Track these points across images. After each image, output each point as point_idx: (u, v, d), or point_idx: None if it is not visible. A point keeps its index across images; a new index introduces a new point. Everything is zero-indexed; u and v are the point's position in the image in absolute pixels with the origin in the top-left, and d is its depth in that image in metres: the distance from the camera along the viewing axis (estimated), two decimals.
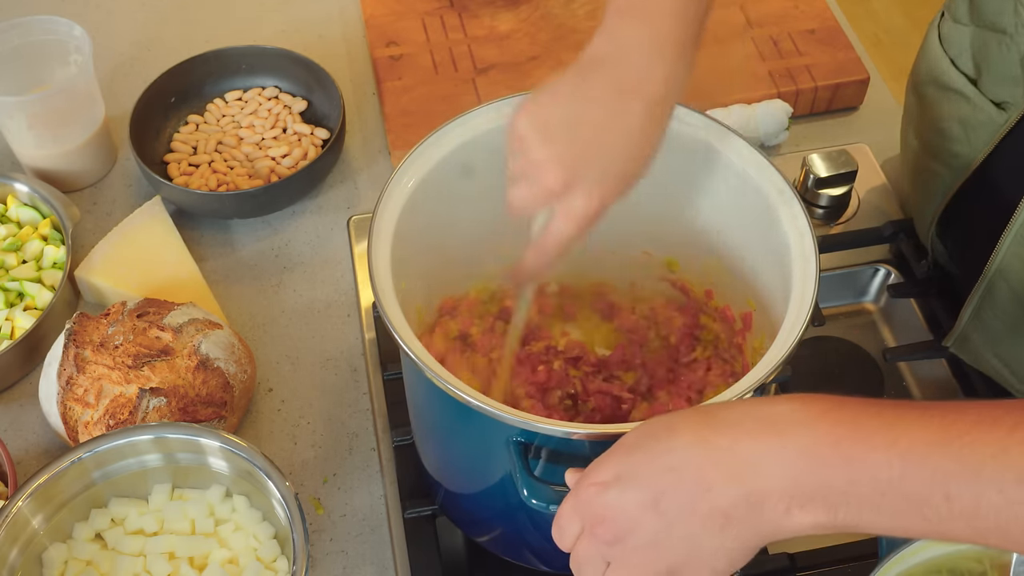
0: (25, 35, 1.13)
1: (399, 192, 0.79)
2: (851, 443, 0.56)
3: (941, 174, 0.93)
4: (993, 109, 0.85)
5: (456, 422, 0.77)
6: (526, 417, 0.68)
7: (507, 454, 0.71)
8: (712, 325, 0.90)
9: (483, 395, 0.69)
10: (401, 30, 1.27)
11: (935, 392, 1.02)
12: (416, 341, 0.72)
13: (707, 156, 0.82)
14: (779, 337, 0.71)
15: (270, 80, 1.22)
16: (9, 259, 1.06)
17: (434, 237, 0.83)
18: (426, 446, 0.87)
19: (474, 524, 0.89)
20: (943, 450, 0.54)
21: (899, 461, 0.55)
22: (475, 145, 0.82)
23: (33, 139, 1.12)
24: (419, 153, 0.81)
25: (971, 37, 0.87)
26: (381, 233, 0.76)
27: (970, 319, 0.91)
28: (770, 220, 0.77)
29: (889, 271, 1.08)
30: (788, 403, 0.59)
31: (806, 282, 0.72)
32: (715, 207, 0.84)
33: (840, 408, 0.57)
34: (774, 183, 0.78)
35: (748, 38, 1.24)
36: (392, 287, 0.74)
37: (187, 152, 1.17)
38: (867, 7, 2.71)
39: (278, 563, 0.85)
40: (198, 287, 1.07)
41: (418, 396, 0.82)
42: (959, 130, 0.89)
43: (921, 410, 0.57)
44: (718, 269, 0.87)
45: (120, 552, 0.86)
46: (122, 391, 0.91)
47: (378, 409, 0.99)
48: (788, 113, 1.16)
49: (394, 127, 1.18)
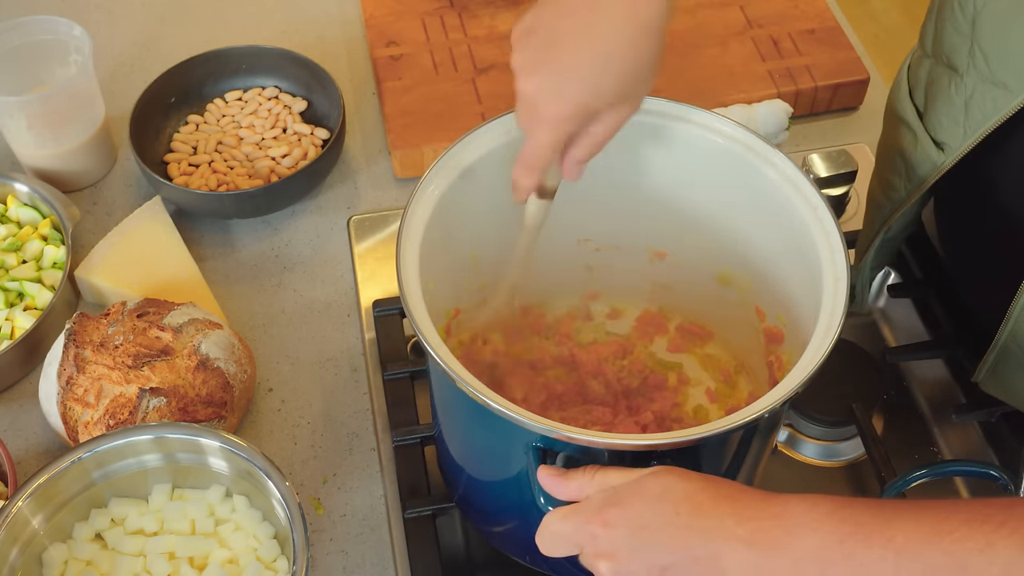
0: (25, 35, 1.13)
1: (428, 195, 0.79)
2: (854, 542, 0.61)
3: (882, 204, 0.92)
4: (933, 148, 0.83)
5: (478, 424, 0.77)
6: (548, 424, 0.68)
7: (525, 457, 0.71)
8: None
9: (505, 400, 0.69)
10: (401, 30, 1.27)
11: (935, 392, 1.02)
12: (443, 345, 0.71)
13: (743, 163, 0.82)
14: (806, 354, 0.71)
15: (270, 80, 1.22)
16: (9, 259, 1.06)
17: (461, 241, 0.84)
18: (451, 442, 0.88)
19: (490, 517, 0.89)
20: (934, 546, 0.59)
21: (894, 556, 0.60)
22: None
23: (33, 139, 1.12)
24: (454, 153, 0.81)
25: (928, 69, 0.85)
26: (410, 235, 0.76)
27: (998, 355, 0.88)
28: (801, 233, 0.78)
29: (889, 271, 1.08)
30: (799, 503, 0.64)
31: (837, 298, 0.72)
32: (750, 219, 0.85)
33: (843, 508, 0.63)
34: (808, 198, 0.78)
35: (748, 38, 1.24)
36: (419, 288, 0.74)
37: (187, 152, 1.17)
38: (867, 7, 2.71)
39: (278, 563, 0.85)
40: (198, 287, 1.07)
41: (442, 393, 0.82)
42: (900, 163, 0.88)
43: (916, 509, 0.62)
44: (753, 283, 0.88)
45: (120, 552, 0.86)
46: (122, 391, 0.91)
47: (378, 409, 0.99)
48: (788, 113, 1.16)
49: (394, 127, 1.18)
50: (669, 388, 0.92)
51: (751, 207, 0.83)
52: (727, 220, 0.86)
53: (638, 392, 0.91)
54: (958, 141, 0.80)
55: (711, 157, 0.82)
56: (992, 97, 0.77)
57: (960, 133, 0.80)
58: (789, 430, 0.98)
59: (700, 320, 0.95)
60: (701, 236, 0.88)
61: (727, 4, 1.27)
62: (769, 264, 0.85)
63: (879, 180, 0.93)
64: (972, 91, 0.78)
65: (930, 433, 1.00)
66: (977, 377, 0.90)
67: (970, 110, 0.79)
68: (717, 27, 1.25)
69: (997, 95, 0.76)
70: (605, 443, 0.68)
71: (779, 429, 0.95)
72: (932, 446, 0.99)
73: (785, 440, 0.99)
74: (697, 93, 1.19)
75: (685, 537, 0.64)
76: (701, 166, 0.84)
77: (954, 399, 1.00)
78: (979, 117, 0.78)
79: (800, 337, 0.79)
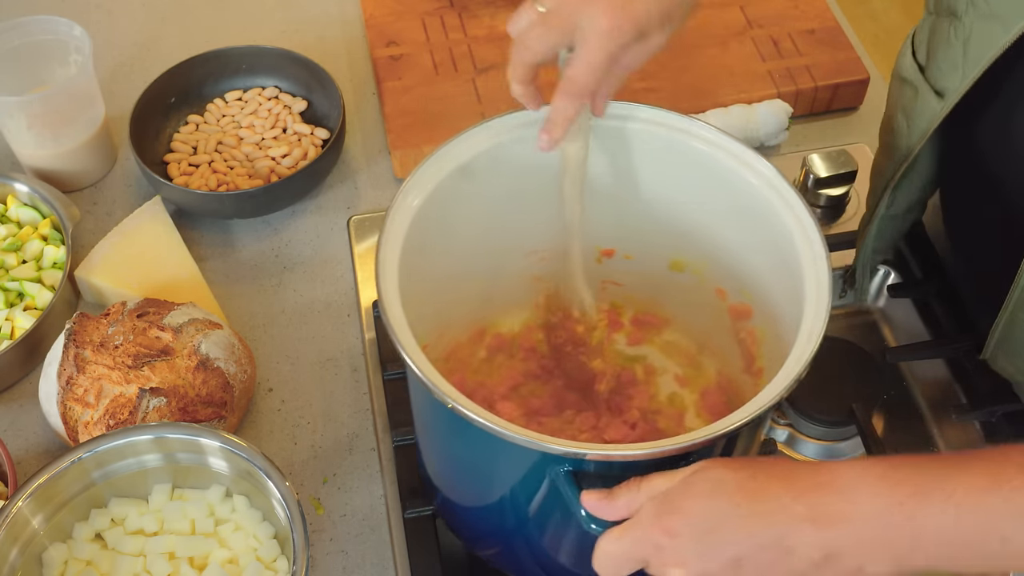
0: (25, 35, 1.13)
1: (404, 213, 0.78)
2: (914, 503, 0.62)
3: (884, 169, 0.92)
4: (933, 97, 0.84)
5: (493, 457, 0.75)
6: (578, 446, 0.66)
7: (550, 483, 0.69)
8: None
9: (525, 429, 0.67)
10: (401, 30, 1.27)
11: (935, 392, 1.02)
12: (441, 378, 0.69)
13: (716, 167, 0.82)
14: (791, 355, 0.70)
15: (270, 80, 1.22)
16: (9, 259, 1.06)
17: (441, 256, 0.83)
18: (431, 461, 0.86)
19: (475, 538, 0.89)
20: (994, 494, 0.60)
21: (954, 510, 0.61)
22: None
23: (33, 139, 1.12)
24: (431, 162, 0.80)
25: (930, 25, 0.86)
26: (387, 263, 0.75)
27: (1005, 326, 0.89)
28: (782, 235, 0.77)
29: (889, 271, 1.08)
30: (851, 469, 0.64)
31: (819, 303, 0.72)
32: (729, 222, 0.84)
33: (896, 470, 0.63)
34: (785, 198, 0.78)
35: (748, 38, 1.24)
36: (404, 317, 0.72)
37: (187, 152, 1.17)
38: (867, 7, 2.71)
39: (278, 563, 0.85)
40: (198, 287, 1.07)
41: (428, 416, 0.80)
42: (902, 120, 0.88)
43: (969, 461, 0.62)
44: (710, 264, 0.87)
45: (120, 552, 0.86)
46: (122, 391, 0.91)
47: (378, 409, 0.99)
48: (788, 113, 1.16)
49: (394, 127, 1.18)
50: (641, 382, 0.92)
51: (695, 189, 0.83)
52: (678, 207, 0.85)
53: (615, 391, 0.90)
54: (956, 84, 0.81)
55: (659, 150, 0.82)
56: (989, 31, 0.77)
57: (959, 76, 0.81)
58: (789, 430, 0.98)
59: (653, 309, 0.94)
60: (650, 227, 0.88)
61: (727, 4, 1.27)
62: (725, 242, 0.84)
63: (882, 147, 0.94)
64: (970, 31, 0.79)
65: (930, 433, 1.00)
66: (985, 353, 0.90)
67: (968, 51, 0.79)
68: (717, 27, 1.25)
69: (994, 28, 0.77)
70: (647, 454, 0.66)
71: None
72: (932, 446, 0.99)
73: (785, 440, 0.99)
74: (697, 93, 1.19)
75: (748, 526, 0.64)
76: (650, 160, 0.83)
77: (954, 399, 1.00)
78: (976, 55, 0.79)
79: (770, 310, 0.80)
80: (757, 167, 0.79)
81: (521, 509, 0.76)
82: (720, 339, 0.90)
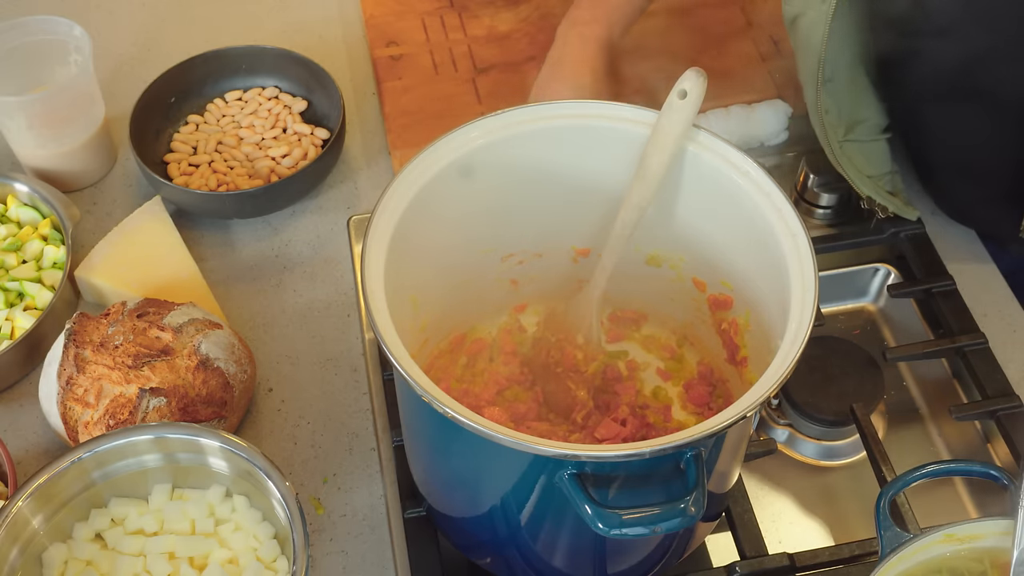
0: (25, 35, 1.13)
1: (392, 209, 0.78)
2: None
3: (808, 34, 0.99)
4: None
5: (491, 463, 0.74)
6: (581, 448, 0.66)
7: (553, 487, 0.69)
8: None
9: (522, 433, 0.67)
10: (401, 30, 1.27)
11: (935, 392, 1.02)
12: (437, 389, 0.68)
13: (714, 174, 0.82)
14: (777, 357, 0.70)
15: (270, 80, 1.22)
16: (9, 259, 1.06)
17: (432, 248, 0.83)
18: (423, 471, 0.86)
19: (469, 547, 0.89)
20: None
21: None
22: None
23: (33, 139, 1.12)
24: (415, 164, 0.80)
25: None
26: (373, 261, 0.74)
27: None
28: (769, 241, 0.77)
29: (889, 271, 1.08)
30: None
31: (804, 304, 0.71)
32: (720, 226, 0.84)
33: None
34: (775, 204, 0.77)
35: (748, 38, 1.24)
36: (394, 328, 0.71)
37: (187, 152, 1.17)
38: None
39: (278, 563, 0.85)
40: (198, 287, 1.07)
41: (420, 425, 0.80)
42: (804, 24, 0.97)
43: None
44: (687, 257, 0.88)
45: (120, 552, 0.86)
46: (122, 391, 0.91)
47: (378, 409, 0.99)
48: (788, 113, 1.16)
49: (394, 127, 1.18)
50: (625, 378, 0.91)
51: (672, 183, 0.83)
52: (655, 203, 0.84)
53: (601, 389, 0.90)
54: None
55: (634, 148, 0.81)
56: None
57: None
58: (789, 430, 0.98)
59: (631, 304, 0.94)
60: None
61: (727, 4, 1.27)
62: (702, 234, 0.84)
63: (799, 67, 1.03)
64: None
65: (930, 433, 1.00)
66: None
67: None
68: (717, 27, 1.25)
69: None
70: (652, 451, 0.66)
71: None
72: (932, 446, 0.99)
73: (785, 440, 0.99)
74: None
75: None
76: (624, 158, 0.83)
77: (954, 399, 1.00)
78: None
79: (752, 298, 0.80)
80: (729, 156, 0.79)
81: (516, 515, 0.76)
82: (700, 330, 0.90)
